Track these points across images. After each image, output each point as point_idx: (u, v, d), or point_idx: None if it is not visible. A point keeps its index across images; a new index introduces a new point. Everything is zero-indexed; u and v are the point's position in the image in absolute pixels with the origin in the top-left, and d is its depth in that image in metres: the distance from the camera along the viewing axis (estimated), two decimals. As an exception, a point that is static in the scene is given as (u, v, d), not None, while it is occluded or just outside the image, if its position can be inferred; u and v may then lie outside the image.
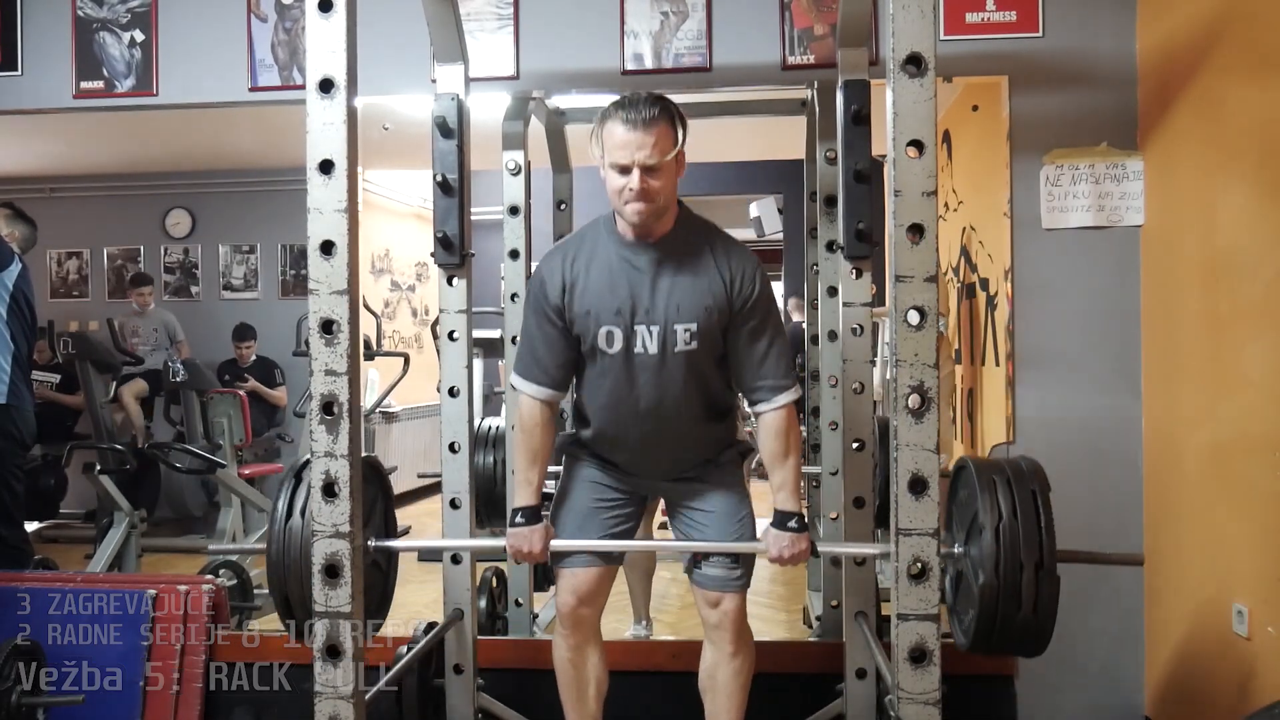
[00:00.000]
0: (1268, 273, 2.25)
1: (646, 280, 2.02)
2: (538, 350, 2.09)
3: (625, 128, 1.92)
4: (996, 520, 1.75)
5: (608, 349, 2.05)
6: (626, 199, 1.94)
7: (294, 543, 1.90)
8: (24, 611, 2.90)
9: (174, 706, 2.84)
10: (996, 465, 1.86)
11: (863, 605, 2.45)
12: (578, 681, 2.22)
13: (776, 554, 2.06)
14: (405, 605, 4.01)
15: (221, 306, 6.41)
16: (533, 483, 2.11)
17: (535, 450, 2.11)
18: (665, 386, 2.06)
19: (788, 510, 2.06)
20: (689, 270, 2.02)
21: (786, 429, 2.06)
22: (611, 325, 2.03)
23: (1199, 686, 2.58)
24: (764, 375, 2.04)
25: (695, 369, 2.06)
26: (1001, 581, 1.74)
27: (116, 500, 3.93)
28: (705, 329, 2.02)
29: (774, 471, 2.09)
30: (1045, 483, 1.82)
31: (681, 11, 2.95)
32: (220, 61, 3.09)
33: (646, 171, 1.92)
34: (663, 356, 2.03)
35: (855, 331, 2.44)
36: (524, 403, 2.11)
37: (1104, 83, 2.85)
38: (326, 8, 1.69)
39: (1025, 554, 1.74)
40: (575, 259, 2.06)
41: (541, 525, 2.10)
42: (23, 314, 3.39)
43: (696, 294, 2.01)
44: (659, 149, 1.93)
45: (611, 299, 2.02)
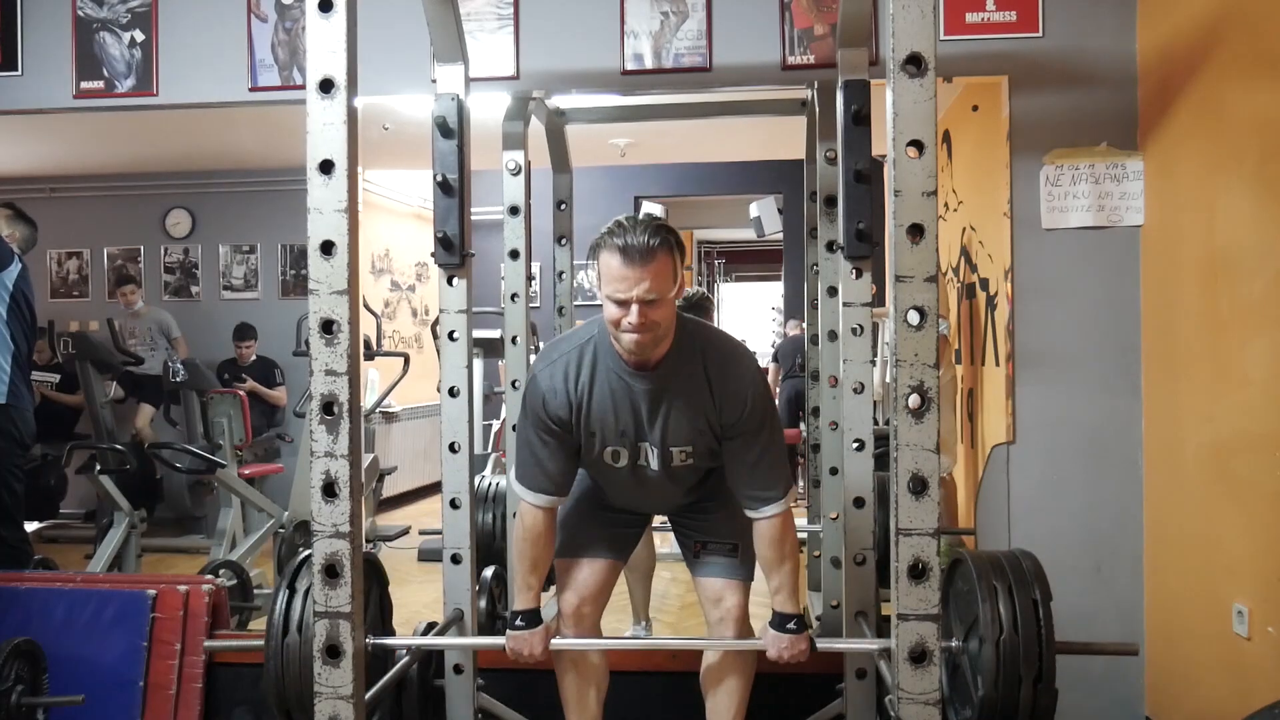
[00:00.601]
0: (1268, 273, 2.25)
1: (644, 408, 2.04)
2: (541, 461, 2.09)
3: (623, 261, 1.87)
4: (998, 634, 1.79)
5: (614, 464, 2.11)
6: (625, 330, 1.91)
7: (292, 659, 1.91)
8: (24, 612, 2.90)
9: (174, 706, 2.84)
10: (997, 563, 1.87)
11: (863, 605, 2.44)
12: (579, 680, 2.23)
13: (775, 654, 2.08)
14: (405, 605, 4.01)
15: (221, 306, 6.41)
16: (533, 588, 2.14)
17: (536, 559, 2.13)
18: (669, 483, 2.15)
19: (786, 613, 2.08)
20: (683, 398, 2.03)
21: (780, 537, 2.08)
22: (617, 446, 2.08)
23: (1199, 686, 2.58)
24: (753, 486, 2.07)
25: (697, 469, 2.15)
26: (1000, 695, 1.78)
27: (116, 500, 3.93)
28: (700, 447, 2.08)
29: (770, 576, 2.12)
30: (1046, 590, 1.84)
31: (681, 11, 2.95)
32: (220, 61, 3.09)
33: (645, 305, 1.89)
34: (664, 469, 2.10)
35: (855, 331, 2.44)
36: (526, 510, 2.12)
37: (1104, 83, 2.85)
38: (326, 8, 1.69)
39: (1025, 668, 1.77)
40: (578, 378, 2.04)
41: (541, 628, 2.13)
42: (23, 314, 3.39)
43: (690, 420, 2.04)
44: (657, 284, 1.88)
45: (615, 424, 2.05)
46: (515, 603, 2.16)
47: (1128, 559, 2.85)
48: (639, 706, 2.69)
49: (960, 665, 1.88)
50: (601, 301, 1.96)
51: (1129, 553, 2.85)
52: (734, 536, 2.18)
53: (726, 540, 2.18)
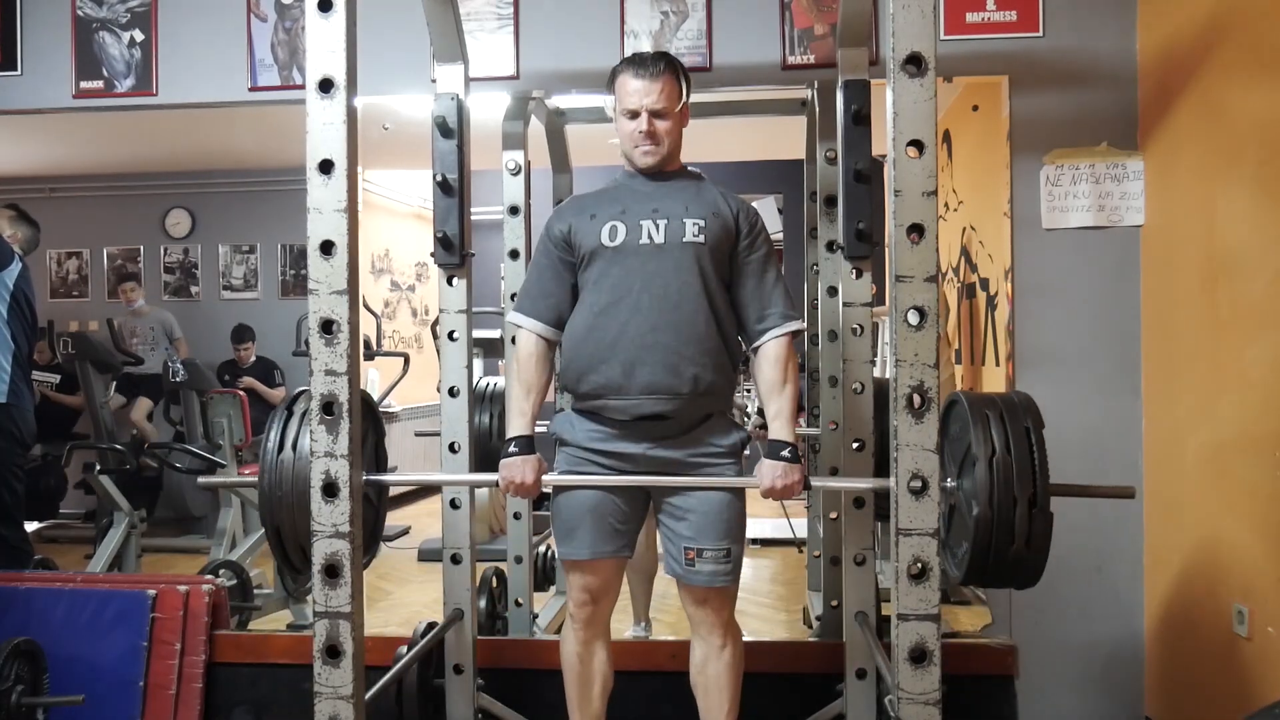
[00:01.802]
0: (1268, 273, 2.25)
1: (653, 193, 2.16)
2: (540, 282, 2.18)
3: (635, 78, 2.11)
4: (990, 453, 1.76)
5: (610, 241, 2.12)
6: (636, 142, 2.12)
7: (286, 474, 1.89)
8: (24, 612, 2.90)
9: (174, 706, 2.84)
10: (989, 399, 1.86)
11: (863, 605, 2.44)
12: (584, 678, 2.23)
13: (769, 484, 2.04)
14: (405, 605, 4.03)
15: (221, 306, 6.41)
16: (526, 413, 2.14)
17: (530, 382, 2.15)
18: (670, 275, 2.09)
19: (782, 439, 2.07)
20: (694, 191, 2.17)
21: (786, 357, 2.12)
22: (615, 220, 2.13)
23: (1199, 686, 2.58)
24: (774, 302, 2.13)
25: (701, 266, 2.09)
26: (995, 514, 1.75)
27: (116, 500, 3.93)
28: (713, 231, 2.11)
29: (770, 401, 2.11)
30: (1039, 418, 1.83)
31: (681, 11, 2.95)
32: (220, 61, 3.09)
33: (654, 115, 2.10)
34: (669, 245, 2.10)
35: (855, 331, 2.44)
36: (521, 336, 2.18)
37: (1104, 83, 2.85)
38: (326, 8, 1.69)
39: (1019, 488, 1.75)
40: (586, 197, 2.24)
41: (534, 456, 2.11)
42: (23, 314, 3.39)
43: (703, 204, 2.14)
44: (665, 95, 2.11)
45: (616, 205, 2.16)
46: (509, 430, 2.14)
47: (1128, 559, 2.85)
48: (639, 706, 2.69)
49: (956, 504, 1.86)
50: (616, 125, 2.16)
51: (1129, 553, 2.85)
52: (728, 540, 2.11)
53: (721, 545, 2.10)
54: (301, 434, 1.89)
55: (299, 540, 1.87)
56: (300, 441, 1.89)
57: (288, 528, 1.89)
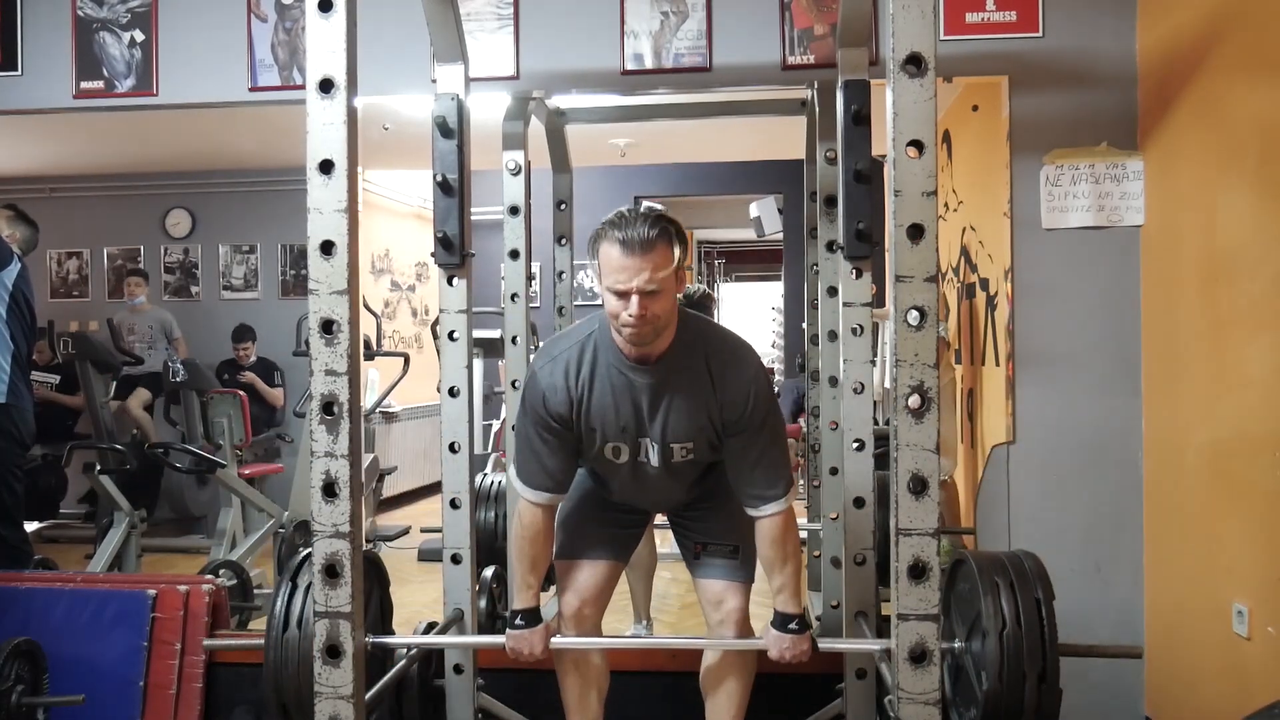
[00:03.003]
0: (1268, 273, 2.25)
1: (645, 403, 2.03)
2: (541, 457, 2.08)
3: (622, 252, 1.86)
4: (1000, 627, 1.78)
5: (615, 460, 2.10)
6: (625, 323, 1.90)
7: (291, 653, 1.91)
8: (24, 612, 2.90)
9: (174, 706, 2.84)
10: (999, 563, 1.87)
11: (863, 605, 2.44)
12: (580, 680, 2.23)
13: (777, 655, 2.07)
14: (405, 605, 4.01)
15: (221, 306, 6.41)
16: (533, 587, 2.13)
17: (535, 557, 2.13)
18: (669, 480, 2.14)
19: (788, 613, 2.08)
20: (684, 394, 2.01)
21: (782, 536, 2.07)
22: (617, 442, 2.07)
23: (1199, 686, 2.58)
24: (754, 485, 2.05)
25: (698, 466, 2.13)
26: (1005, 688, 1.77)
27: (116, 500, 3.93)
28: (700, 443, 2.07)
29: (772, 576, 2.11)
30: (1049, 588, 1.84)
31: (681, 11, 2.95)
32: (220, 61, 3.09)
33: (645, 296, 1.87)
34: (665, 465, 2.09)
35: (855, 331, 2.44)
36: (526, 508, 2.11)
37: (1104, 83, 2.85)
38: (326, 8, 1.69)
39: (1029, 664, 1.77)
40: (579, 374, 2.03)
41: (541, 627, 2.12)
42: (22, 314, 3.39)
43: (691, 417, 2.03)
44: (657, 274, 1.87)
45: (616, 419, 2.04)
46: (515, 601, 2.15)
47: (1128, 559, 2.85)
48: (639, 706, 2.69)
49: (964, 665, 1.88)
50: (601, 295, 1.95)
51: (1129, 553, 2.85)
52: (734, 537, 2.17)
53: (727, 542, 2.17)
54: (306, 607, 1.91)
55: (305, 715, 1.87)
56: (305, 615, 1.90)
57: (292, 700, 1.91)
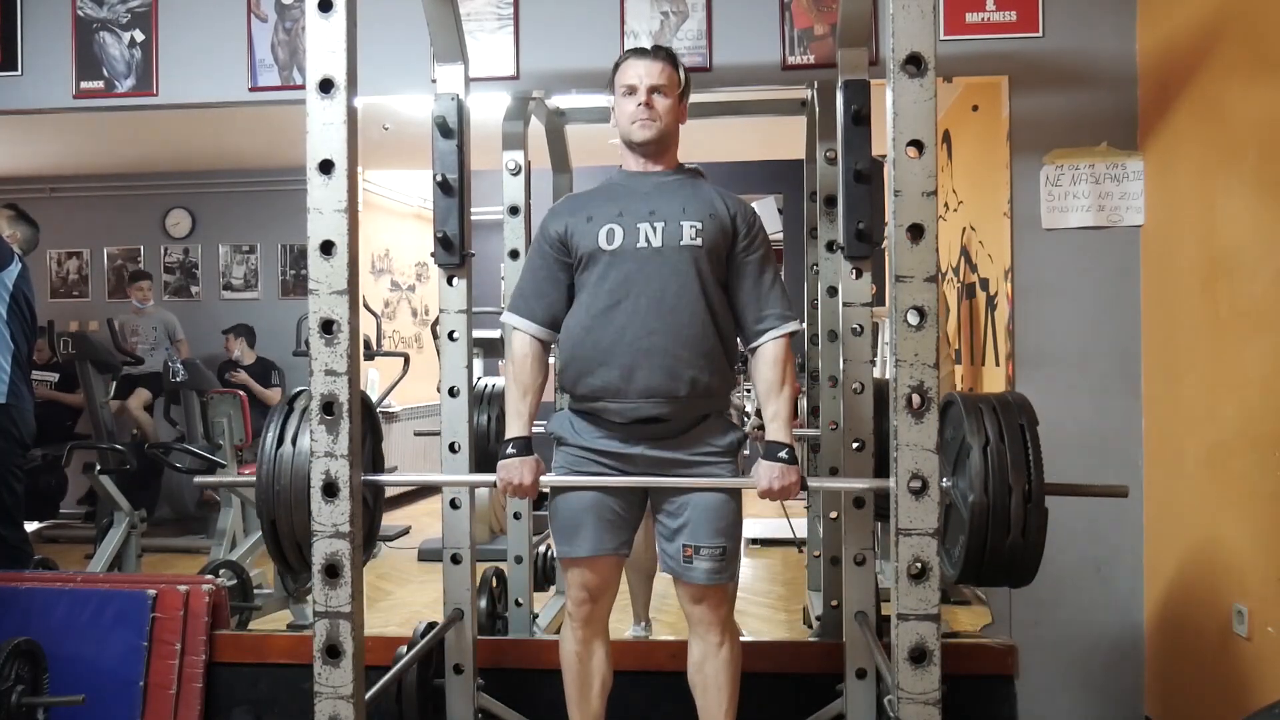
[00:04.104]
0: (1268, 273, 2.25)
1: (650, 192, 2.14)
2: (535, 283, 2.17)
3: (635, 58, 2.15)
4: (984, 443, 1.78)
5: (607, 245, 2.10)
6: (634, 116, 2.11)
7: (284, 469, 1.88)
8: (24, 612, 2.90)
9: (174, 706, 2.84)
10: (983, 397, 1.88)
11: (863, 605, 2.45)
12: (583, 677, 2.23)
13: (766, 485, 2.04)
14: (405, 605, 4.03)
15: (221, 306, 6.41)
16: (523, 415, 2.14)
17: (526, 384, 2.15)
18: (667, 278, 2.07)
19: (779, 441, 2.07)
20: (690, 190, 2.15)
21: (784, 359, 2.12)
22: (612, 223, 2.11)
23: (1199, 686, 2.58)
24: (771, 304, 2.13)
25: (698, 268, 2.08)
26: (991, 501, 1.75)
27: (116, 500, 3.93)
28: (710, 234, 2.10)
29: (768, 402, 2.11)
30: (1033, 416, 1.83)
31: (681, 11, 2.95)
32: (220, 61, 3.09)
33: (652, 90, 2.11)
34: (665, 249, 2.09)
35: (855, 331, 2.44)
36: (516, 338, 2.17)
37: (1104, 83, 2.85)
38: (326, 8, 1.69)
39: (1014, 478, 1.75)
40: (581, 196, 2.21)
41: (532, 458, 2.11)
42: (23, 314, 3.40)
43: (700, 205, 2.12)
44: (666, 76, 2.13)
45: (613, 206, 2.13)
46: (507, 431, 2.14)
47: (1128, 559, 2.85)
48: (639, 706, 2.69)
49: (953, 502, 1.86)
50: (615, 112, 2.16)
51: (1129, 553, 2.85)
52: (723, 537, 2.12)
53: (717, 543, 2.11)
54: (301, 430, 1.88)
55: (296, 537, 1.87)
56: (300, 438, 1.88)
57: (284, 524, 1.88)
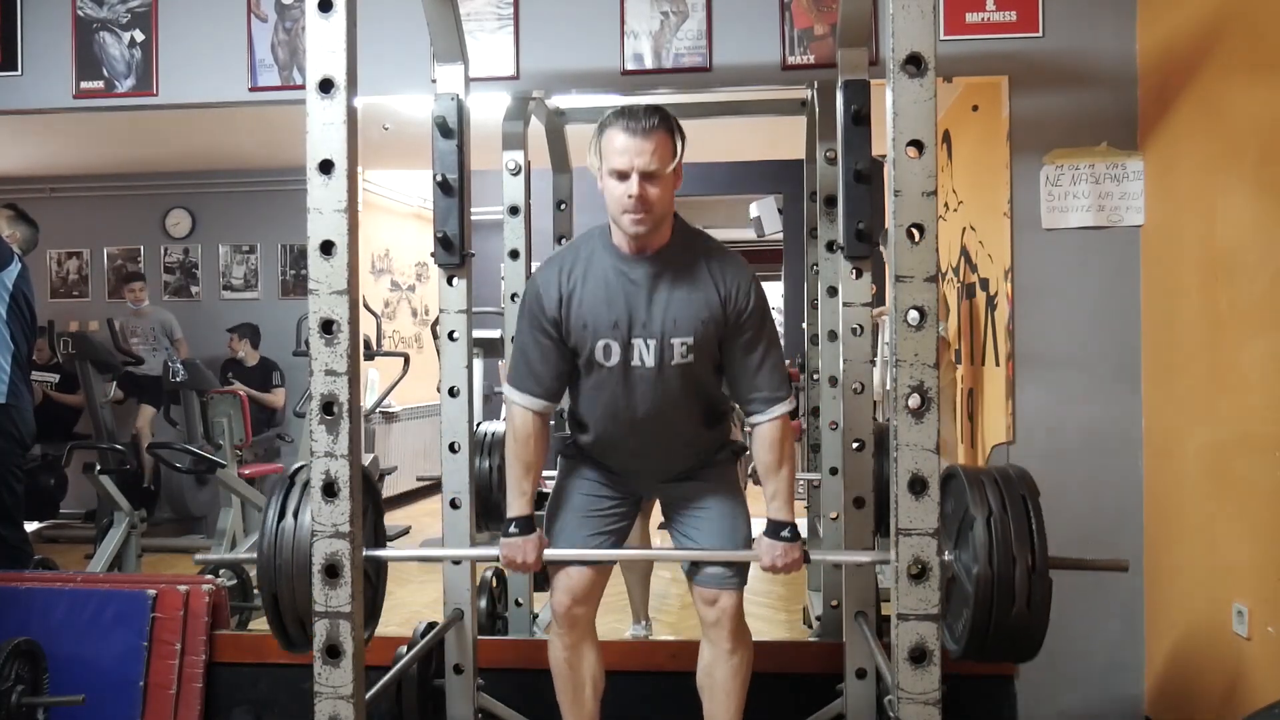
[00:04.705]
0: (1268, 273, 2.25)
1: (643, 294, 2.01)
2: (532, 362, 2.08)
3: (625, 134, 1.91)
4: (987, 514, 1.77)
5: (605, 362, 2.05)
6: (625, 207, 1.92)
7: (286, 544, 1.88)
8: (24, 612, 2.90)
9: (174, 706, 2.84)
10: (985, 471, 1.88)
11: (863, 605, 2.44)
12: (574, 681, 2.23)
13: (769, 563, 2.06)
14: (405, 605, 4.02)
15: (221, 306, 6.41)
16: (526, 493, 2.12)
17: (529, 462, 2.11)
18: (662, 397, 2.07)
19: (781, 520, 2.08)
20: (685, 284, 2.01)
21: (780, 440, 2.07)
22: (609, 339, 2.03)
23: (1199, 686, 2.58)
24: (758, 387, 2.05)
25: (691, 379, 2.07)
26: (995, 572, 1.74)
27: (116, 500, 3.93)
28: (701, 342, 2.02)
29: (768, 481, 2.10)
30: (1034, 489, 1.83)
31: (681, 11, 2.95)
32: (220, 61, 3.08)
33: (645, 178, 1.91)
34: (660, 369, 2.04)
35: (855, 331, 2.44)
36: (517, 413, 2.10)
37: (1104, 83, 2.85)
38: (326, 8, 1.69)
39: (1018, 549, 1.75)
40: (571, 272, 2.04)
41: (535, 535, 2.10)
42: (23, 314, 3.40)
43: (692, 308, 2.01)
44: (658, 156, 1.91)
45: (608, 313, 2.01)
46: (509, 510, 2.13)
47: (1128, 559, 2.84)
48: (639, 706, 2.69)
49: (955, 575, 1.86)
50: (602, 186, 1.97)
51: (1129, 553, 2.84)
52: (733, 545, 2.16)
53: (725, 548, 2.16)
54: (303, 506, 1.89)
55: (297, 612, 1.87)
56: (301, 513, 1.88)
57: (286, 599, 1.88)
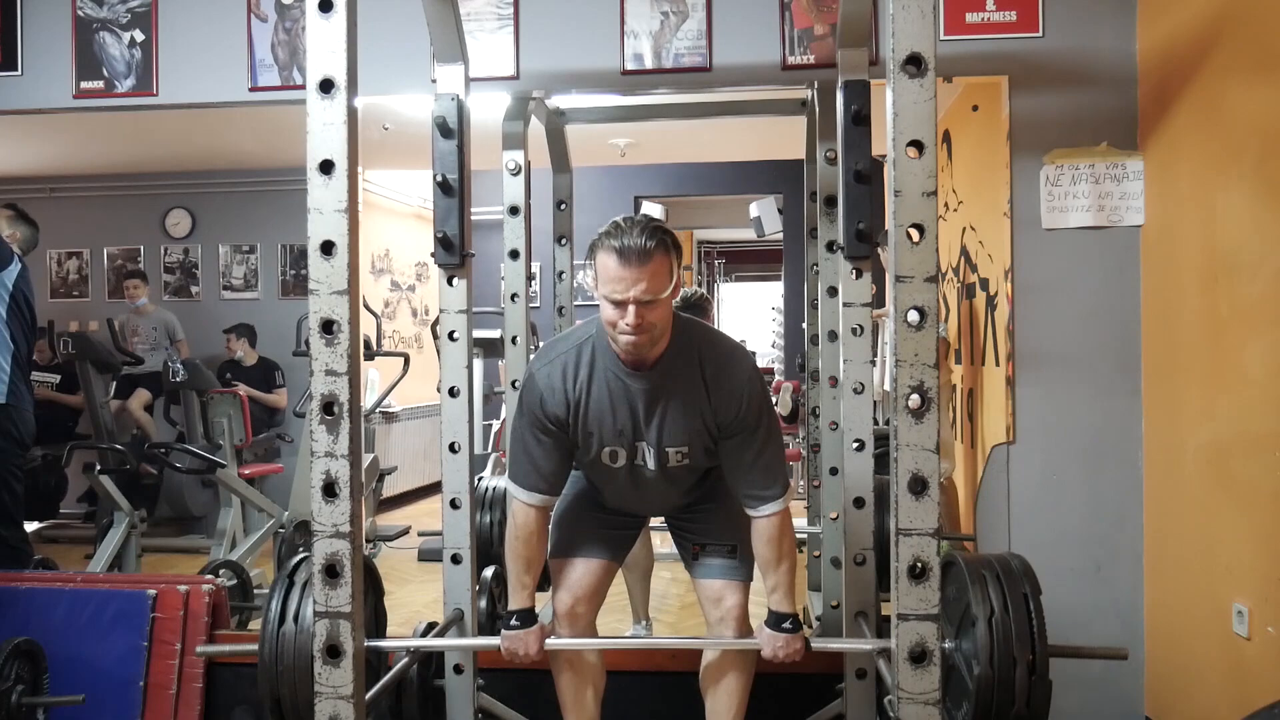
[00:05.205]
0: (1268, 273, 2.25)
1: (641, 407, 2.05)
2: (534, 459, 2.09)
3: (619, 262, 1.88)
4: (989, 614, 1.80)
5: (612, 464, 2.11)
6: (621, 331, 1.92)
7: (287, 646, 1.90)
8: (24, 612, 2.91)
9: (174, 706, 2.84)
10: (986, 562, 1.89)
11: (863, 605, 2.44)
12: (575, 680, 2.23)
13: (770, 653, 2.08)
14: (405, 605, 4.02)
15: (221, 306, 6.41)
16: (527, 587, 2.14)
17: (530, 558, 2.13)
18: (666, 484, 2.15)
19: (782, 612, 2.09)
20: (679, 398, 2.04)
21: (778, 536, 2.08)
22: (615, 446, 2.08)
23: (1199, 686, 2.58)
24: (750, 485, 2.07)
25: (693, 470, 2.15)
26: (996, 674, 1.77)
27: (116, 500, 3.93)
28: (696, 447, 2.08)
29: (767, 576, 2.12)
30: (1035, 584, 1.85)
31: (681, 11, 2.95)
32: (220, 61, 3.09)
33: (641, 306, 1.90)
34: (661, 469, 2.10)
35: (855, 331, 2.44)
36: (519, 510, 2.11)
37: (1104, 83, 2.85)
38: (326, 8, 1.69)
39: (1018, 650, 1.78)
40: (576, 377, 2.05)
41: (536, 628, 2.12)
42: (23, 314, 3.40)
43: (687, 420, 2.04)
44: (654, 285, 1.89)
45: (613, 423, 2.06)
46: (510, 602, 2.16)
47: (1128, 559, 2.85)
48: (639, 706, 2.69)
49: (955, 664, 1.89)
50: (599, 301, 1.97)
51: (1129, 553, 2.85)
52: (732, 537, 2.19)
53: (725, 541, 2.19)
54: (304, 605, 1.90)
55: (299, 713, 1.87)
56: (302, 612, 1.89)
57: (288, 701, 1.89)
